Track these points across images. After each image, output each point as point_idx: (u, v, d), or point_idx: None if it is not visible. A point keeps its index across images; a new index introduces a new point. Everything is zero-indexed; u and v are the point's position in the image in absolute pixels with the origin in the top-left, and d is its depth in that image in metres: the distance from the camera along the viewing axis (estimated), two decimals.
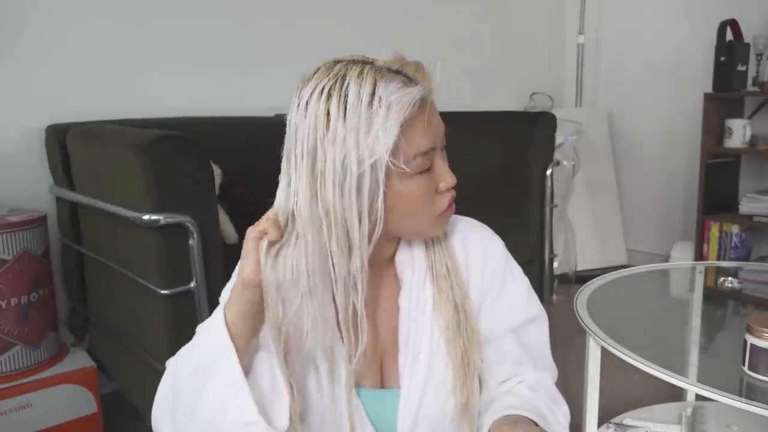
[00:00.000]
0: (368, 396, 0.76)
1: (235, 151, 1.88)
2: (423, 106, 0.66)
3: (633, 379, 1.89)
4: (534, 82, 3.24)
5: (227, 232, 1.61)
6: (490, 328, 0.79)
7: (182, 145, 1.23)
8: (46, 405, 1.46)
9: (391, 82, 0.64)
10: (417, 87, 0.65)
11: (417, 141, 0.66)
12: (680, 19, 2.94)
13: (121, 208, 1.31)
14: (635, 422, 1.46)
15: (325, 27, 2.35)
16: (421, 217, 0.70)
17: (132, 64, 1.91)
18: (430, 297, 0.77)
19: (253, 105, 2.17)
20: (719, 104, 2.59)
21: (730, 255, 2.63)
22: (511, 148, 2.12)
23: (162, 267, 1.26)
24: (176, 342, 1.27)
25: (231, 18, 2.12)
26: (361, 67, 0.65)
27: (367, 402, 0.75)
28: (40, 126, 1.71)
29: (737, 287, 1.58)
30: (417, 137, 0.66)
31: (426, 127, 0.66)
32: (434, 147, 0.68)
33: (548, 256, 2.18)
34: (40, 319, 1.51)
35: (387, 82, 0.64)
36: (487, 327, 0.79)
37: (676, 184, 3.05)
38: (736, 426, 1.42)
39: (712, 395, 0.95)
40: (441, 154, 0.71)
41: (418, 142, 0.66)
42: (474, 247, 0.80)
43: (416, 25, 2.68)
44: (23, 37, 1.70)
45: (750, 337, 1.02)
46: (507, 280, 0.80)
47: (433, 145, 0.67)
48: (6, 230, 1.41)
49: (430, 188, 0.69)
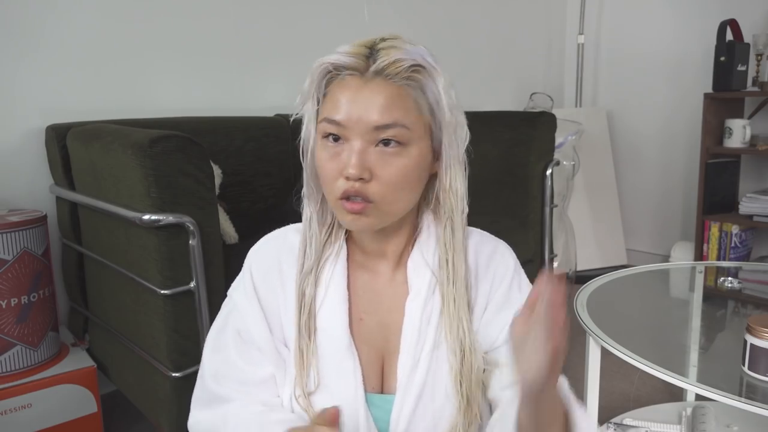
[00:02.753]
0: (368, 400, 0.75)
1: (235, 151, 1.88)
2: (348, 82, 0.69)
3: (633, 379, 1.89)
4: (534, 82, 3.25)
5: (227, 232, 1.61)
6: (492, 335, 0.78)
7: (182, 145, 1.23)
8: (46, 405, 1.46)
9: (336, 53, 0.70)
10: (335, 57, 0.69)
11: (326, 107, 0.70)
12: (680, 19, 2.94)
13: (121, 208, 1.31)
14: (635, 422, 1.46)
15: (325, 27, 2.36)
16: (328, 191, 0.72)
17: (132, 64, 1.91)
18: (437, 307, 0.76)
19: (253, 105, 2.17)
20: (719, 104, 2.59)
21: (730, 255, 2.63)
22: (511, 148, 2.12)
23: (162, 267, 1.26)
24: (176, 342, 1.28)
25: (231, 18, 2.12)
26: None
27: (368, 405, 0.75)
28: (40, 126, 1.71)
29: (737, 287, 1.58)
30: (328, 105, 0.70)
31: (338, 99, 0.69)
32: (342, 123, 0.68)
33: (548, 256, 2.18)
34: (40, 319, 1.51)
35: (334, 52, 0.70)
36: (488, 334, 0.78)
37: (676, 184, 3.05)
38: (736, 426, 1.42)
39: (712, 395, 0.95)
40: (369, 137, 0.68)
41: (326, 108, 0.70)
42: (484, 252, 0.80)
43: (416, 25, 2.68)
44: (23, 37, 1.70)
45: (750, 337, 1.02)
46: (513, 291, 0.79)
47: (340, 119, 0.68)
48: (6, 230, 1.42)
49: (336, 164, 0.69)
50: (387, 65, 0.68)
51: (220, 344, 0.79)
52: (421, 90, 0.70)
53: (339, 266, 0.78)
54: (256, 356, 0.77)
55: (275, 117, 2.07)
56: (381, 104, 0.68)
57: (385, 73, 0.68)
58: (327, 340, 0.76)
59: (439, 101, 0.71)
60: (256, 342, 0.77)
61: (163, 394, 1.33)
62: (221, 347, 0.79)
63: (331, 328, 0.76)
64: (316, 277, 0.77)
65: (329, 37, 2.35)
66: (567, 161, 2.72)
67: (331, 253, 0.78)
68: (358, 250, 0.80)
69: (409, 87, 0.69)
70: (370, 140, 0.68)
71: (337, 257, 0.78)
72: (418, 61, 0.69)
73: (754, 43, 2.53)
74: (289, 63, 2.25)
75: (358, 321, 0.78)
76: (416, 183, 0.73)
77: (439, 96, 0.70)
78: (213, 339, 0.80)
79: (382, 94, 0.68)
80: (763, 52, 2.53)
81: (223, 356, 0.78)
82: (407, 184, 0.71)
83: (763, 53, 2.53)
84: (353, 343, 0.76)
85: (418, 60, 0.69)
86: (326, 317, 0.76)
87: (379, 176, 0.69)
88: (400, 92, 0.69)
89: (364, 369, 0.76)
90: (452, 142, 0.73)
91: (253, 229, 0.88)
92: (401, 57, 0.68)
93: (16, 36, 1.69)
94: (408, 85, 0.69)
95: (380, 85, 0.68)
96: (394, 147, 0.69)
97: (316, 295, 0.77)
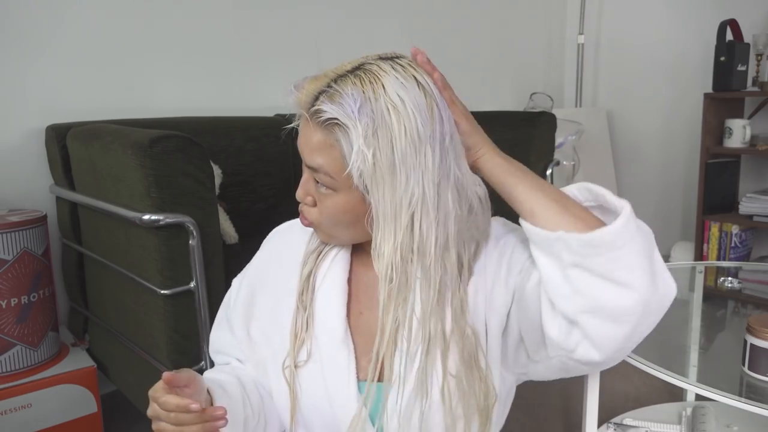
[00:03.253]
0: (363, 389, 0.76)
1: (235, 151, 1.88)
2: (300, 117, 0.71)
3: (633, 379, 1.89)
4: (534, 82, 3.25)
5: (227, 232, 1.61)
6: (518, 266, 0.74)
7: (182, 145, 1.23)
8: (46, 405, 1.46)
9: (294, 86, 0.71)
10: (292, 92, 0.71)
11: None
12: (680, 19, 2.94)
13: (121, 208, 1.31)
14: (635, 422, 1.46)
15: (325, 27, 2.35)
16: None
17: (132, 64, 1.91)
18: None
19: (253, 105, 2.17)
20: (719, 104, 2.59)
21: (730, 255, 2.63)
22: (511, 148, 2.11)
23: (162, 267, 1.26)
24: (176, 342, 1.28)
25: (231, 18, 2.12)
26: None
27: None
28: (40, 126, 1.71)
29: (737, 287, 1.58)
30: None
31: (299, 131, 0.72)
32: (300, 153, 0.72)
33: None
34: (40, 319, 1.51)
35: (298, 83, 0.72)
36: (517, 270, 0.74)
37: (675, 184, 3.05)
38: (736, 426, 1.42)
39: (712, 395, 0.95)
40: (311, 172, 0.72)
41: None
42: (491, 254, 0.78)
43: (416, 26, 2.68)
44: (24, 38, 1.70)
45: (750, 337, 1.02)
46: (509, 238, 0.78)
47: (299, 149, 0.72)
48: (6, 230, 1.42)
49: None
50: (314, 112, 0.68)
51: (217, 319, 0.90)
52: (343, 143, 0.67)
53: (341, 259, 0.80)
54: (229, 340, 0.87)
55: (275, 117, 2.07)
56: (312, 147, 0.70)
57: (315, 120, 0.68)
58: (324, 332, 0.78)
59: (360, 157, 0.65)
60: (232, 326, 0.86)
61: None
62: (217, 322, 0.90)
63: (329, 319, 0.78)
64: (319, 259, 0.81)
65: (329, 38, 2.35)
66: (567, 161, 2.72)
67: (334, 246, 0.81)
68: (362, 249, 0.81)
69: (335, 138, 0.67)
70: (311, 174, 0.72)
71: (339, 251, 0.81)
72: (333, 116, 0.65)
73: (754, 43, 2.53)
74: (289, 63, 2.25)
75: (358, 314, 0.80)
76: (352, 224, 0.73)
77: (359, 152, 0.65)
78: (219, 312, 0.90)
79: (312, 138, 0.69)
80: (763, 52, 2.53)
81: (215, 333, 0.90)
82: (340, 222, 0.73)
83: (763, 53, 2.53)
84: (350, 334, 0.78)
85: (333, 115, 0.65)
86: (323, 306, 0.79)
87: (319, 205, 0.74)
88: (328, 141, 0.67)
89: (361, 359, 0.77)
90: (381, 200, 0.67)
91: (253, 229, 0.89)
92: (324, 108, 0.66)
93: (16, 36, 1.69)
94: (333, 137, 0.67)
95: (313, 129, 0.69)
96: (322, 187, 0.71)
97: (316, 277, 0.80)
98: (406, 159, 0.65)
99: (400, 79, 0.67)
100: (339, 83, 0.67)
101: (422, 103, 0.67)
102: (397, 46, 0.76)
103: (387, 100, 0.65)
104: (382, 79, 0.66)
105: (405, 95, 0.66)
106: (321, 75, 0.70)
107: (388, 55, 0.70)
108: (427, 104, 0.67)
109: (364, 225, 0.71)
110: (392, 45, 0.77)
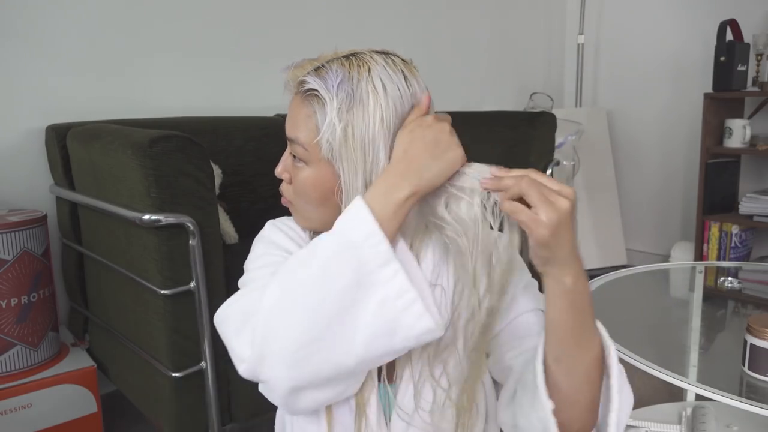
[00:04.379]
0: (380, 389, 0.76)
1: (235, 151, 1.88)
2: (291, 94, 0.73)
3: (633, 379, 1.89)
4: (534, 82, 3.25)
5: (227, 232, 1.61)
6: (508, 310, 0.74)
7: (182, 145, 1.23)
8: (46, 405, 1.46)
9: (294, 63, 0.74)
10: (289, 68, 0.73)
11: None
12: (680, 19, 2.94)
13: (121, 208, 1.31)
14: (635, 422, 1.46)
15: (325, 27, 2.36)
16: None
17: (132, 65, 1.91)
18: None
19: (253, 105, 2.17)
20: (719, 104, 2.59)
21: (730, 255, 2.63)
22: (511, 148, 2.12)
23: (162, 267, 1.26)
24: (176, 342, 1.28)
25: (231, 18, 2.12)
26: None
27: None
28: (40, 126, 1.71)
29: (737, 287, 1.58)
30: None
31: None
32: (286, 132, 0.73)
33: None
34: (40, 319, 1.51)
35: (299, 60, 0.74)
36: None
37: (676, 184, 3.05)
38: (736, 426, 1.42)
39: (712, 395, 0.95)
40: (289, 146, 0.74)
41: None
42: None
43: (416, 26, 2.68)
44: (23, 38, 1.70)
45: (750, 337, 1.02)
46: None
47: (286, 128, 0.73)
48: (6, 230, 1.42)
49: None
50: (299, 83, 0.71)
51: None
52: (318, 115, 0.69)
53: None
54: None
55: (275, 117, 2.07)
56: (293, 119, 0.72)
57: (299, 91, 0.71)
58: None
59: (330, 129, 0.67)
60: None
61: (163, 394, 1.33)
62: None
63: None
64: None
65: (329, 37, 2.35)
66: (567, 161, 2.72)
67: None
68: None
69: (313, 110, 0.69)
70: (291, 148, 0.74)
71: None
72: (313, 87, 0.68)
73: (754, 43, 2.53)
74: (289, 63, 2.25)
75: None
76: (320, 200, 0.72)
77: (329, 124, 0.67)
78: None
79: (295, 110, 0.72)
80: (763, 52, 2.53)
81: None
82: (309, 199, 0.73)
83: (763, 53, 2.53)
84: None
85: (314, 86, 0.68)
86: None
87: (293, 182, 0.75)
88: (307, 112, 0.70)
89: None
90: (352, 174, 0.68)
91: (253, 229, 0.89)
92: (308, 80, 0.69)
93: (16, 36, 1.69)
94: (312, 108, 0.69)
95: (297, 102, 0.72)
96: (297, 161, 0.73)
97: None
98: (377, 141, 0.67)
99: (387, 70, 0.69)
100: (330, 62, 0.70)
101: (405, 96, 0.69)
102: (398, 46, 0.76)
103: (369, 83, 0.68)
104: (369, 65, 0.69)
105: (388, 84, 0.68)
106: (319, 57, 0.72)
107: (385, 50, 0.72)
108: (409, 97, 0.69)
109: (332, 205, 0.72)
110: (393, 45, 0.77)
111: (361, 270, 0.61)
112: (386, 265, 0.62)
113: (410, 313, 0.62)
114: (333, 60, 0.70)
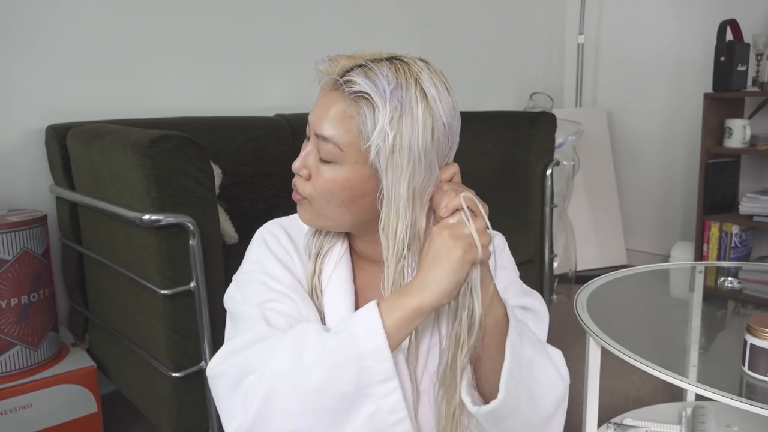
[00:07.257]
0: None
1: (235, 151, 1.88)
2: (324, 85, 0.72)
3: (633, 379, 1.89)
4: (534, 82, 3.25)
5: (227, 232, 1.61)
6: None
7: (182, 145, 1.23)
8: (46, 405, 1.46)
9: (328, 56, 0.73)
10: (323, 59, 0.72)
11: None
12: (680, 19, 2.94)
13: (121, 208, 1.31)
14: (635, 422, 1.46)
15: (325, 27, 2.36)
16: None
17: (132, 64, 1.91)
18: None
19: (253, 105, 2.17)
20: (719, 104, 2.60)
21: (730, 255, 2.63)
22: (511, 148, 2.12)
23: (162, 267, 1.26)
24: (176, 342, 1.28)
25: (231, 18, 2.12)
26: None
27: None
28: (40, 126, 1.71)
29: (737, 287, 1.58)
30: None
31: (314, 104, 0.73)
32: (309, 121, 0.73)
33: (548, 256, 2.18)
34: (40, 319, 1.51)
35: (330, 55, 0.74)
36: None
37: (676, 184, 3.05)
38: (736, 426, 1.42)
39: (712, 395, 0.95)
40: (316, 142, 0.72)
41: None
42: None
43: (416, 26, 2.68)
44: (23, 37, 1.70)
45: (750, 337, 1.02)
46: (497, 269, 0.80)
47: (310, 120, 0.73)
48: (6, 230, 1.41)
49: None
50: (346, 81, 0.69)
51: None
52: (366, 118, 0.68)
53: (345, 261, 0.80)
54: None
55: (275, 117, 2.07)
56: (328, 116, 0.70)
57: (342, 89, 0.69)
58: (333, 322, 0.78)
59: (381, 136, 0.67)
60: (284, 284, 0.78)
61: (163, 394, 1.33)
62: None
63: (336, 312, 0.78)
64: (322, 260, 0.80)
65: (329, 38, 2.35)
66: (567, 161, 2.72)
67: (334, 245, 0.81)
68: (356, 253, 0.83)
69: (357, 111, 0.68)
70: (317, 144, 0.72)
71: (340, 253, 0.81)
72: (365, 90, 0.67)
73: (754, 43, 2.53)
74: (289, 63, 2.25)
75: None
76: (346, 202, 0.72)
77: (381, 131, 0.67)
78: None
79: (332, 107, 0.70)
80: (763, 52, 2.53)
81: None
82: (333, 198, 0.72)
83: (763, 53, 2.53)
84: None
85: (365, 89, 0.67)
86: (334, 307, 0.78)
87: (314, 179, 0.73)
88: (348, 112, 0.69)
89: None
90: (396, 182, 0.69)
91: (253, 229, 0.89)
92: (356, 80, 0.68)
93: (15, 36, 1.69)
94: (356, 109, 0.68)
95: (336, 99, 0.70)
96: (324, 159, 0.72)
97: (321, 279, 0.79)
98: (424, 152, 0.68)
99: (433, 79, 0.70)
100: (375, 63, 0.69)
101: (449, 106, 0.70)
102: (399, 46, 0.76)
103: (418, 91, 0.68)
104: (416, 72, 0.69)
105: (435, 94, 0.69)
106: (357, 55, 0.72)
107: (424, 59, 0.73)
108: (453, 108, 0.71)
109: (357, 208, 0.72)
110: (393, 45, 0.77)
111: (362, 381, 0.65)
112: (386, 381, 0.66)
113: (398, 429, 0.67)
114: (378, 62, 0.69)
